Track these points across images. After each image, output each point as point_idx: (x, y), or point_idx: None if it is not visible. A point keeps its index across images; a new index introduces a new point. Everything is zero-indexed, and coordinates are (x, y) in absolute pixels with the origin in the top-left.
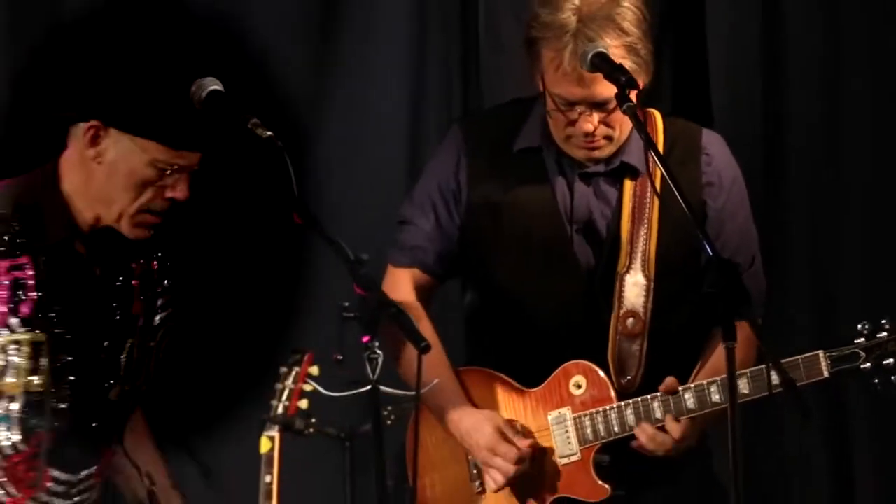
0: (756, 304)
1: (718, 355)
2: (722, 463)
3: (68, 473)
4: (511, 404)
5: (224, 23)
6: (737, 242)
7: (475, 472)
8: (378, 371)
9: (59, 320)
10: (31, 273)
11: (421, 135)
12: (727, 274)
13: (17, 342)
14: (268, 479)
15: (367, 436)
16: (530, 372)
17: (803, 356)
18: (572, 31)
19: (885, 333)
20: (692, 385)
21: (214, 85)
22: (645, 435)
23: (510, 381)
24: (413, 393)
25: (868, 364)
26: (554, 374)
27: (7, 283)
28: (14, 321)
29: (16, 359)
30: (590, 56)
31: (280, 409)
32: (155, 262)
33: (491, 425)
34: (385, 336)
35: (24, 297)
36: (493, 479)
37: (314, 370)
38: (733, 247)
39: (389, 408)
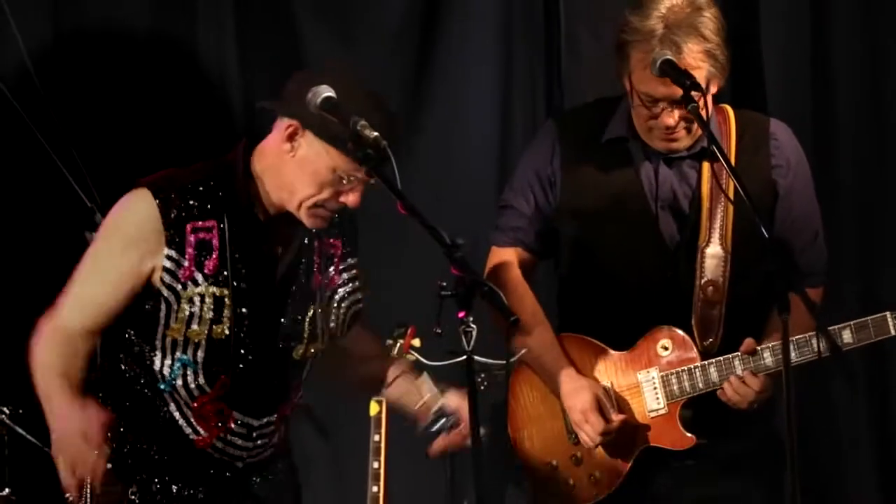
0: (820, 273)
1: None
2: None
3: (250, 417)
4: (603, 365)
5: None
6: (804, 217)
7: (570, 426)
8: (472, 343)
9: (240, 278)
10: (215, 235)
11: (509, 135)
12: (782, 254)
13: (201, 295)
14: (376, 438)
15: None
16: (620, 337)
17: (872, 317)
18: (659, 36)
19: None
20: (770, 344)
21: (328, 92)
22: (731, 388)
23: (601, 344)
24: (503, 362)
25: None
26: (643, 337)
27: (193, 242)
28: (199, 276)
29: (200, 309)
30: (658, 63)
31: None
32: (339, 241)
33: (589, 392)
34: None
35: (208, 256)
36: (583, 440)
37: (416, 342)
38: (802, 221)
39: (482, 375)
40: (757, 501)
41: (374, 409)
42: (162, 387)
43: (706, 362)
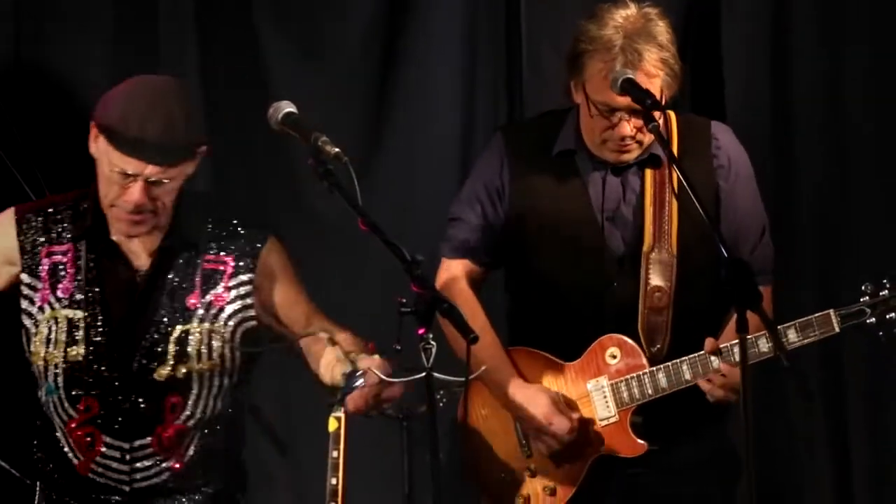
0: (768, 271)
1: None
2: (735, 426)
3: (120, 441)
4: (553, 377)
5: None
6: (749, 216)
7: (523, 437)
8: (432, 359)
9: (94, 301)
10: (70, 258)
11: (471, 151)
12: (740, 271)
13: (55, 318)
14: (335, 454)
15: (422, 416)
16: (569, 348)
17: (816, 315)
18: (620, 45)
19: (886, 291)
20: (722, 346)
21: (289, 108)
22: (712, 385)
23: (550, 356)
24: (462, 379)
25: (873, 319)
26: (590, 347)
27: (48, 266)
28: (53, 299)
29: (55, 332)
30: (620, 81)
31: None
32: (231, 258)
33: (546, 397)
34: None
35: (62, 279)
36: (547, 444)
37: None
38: (747, 220)
39: (441, 392)
40: (712, 502)
41: (332, 425)
42: (48, 410)
43: (654, 368)
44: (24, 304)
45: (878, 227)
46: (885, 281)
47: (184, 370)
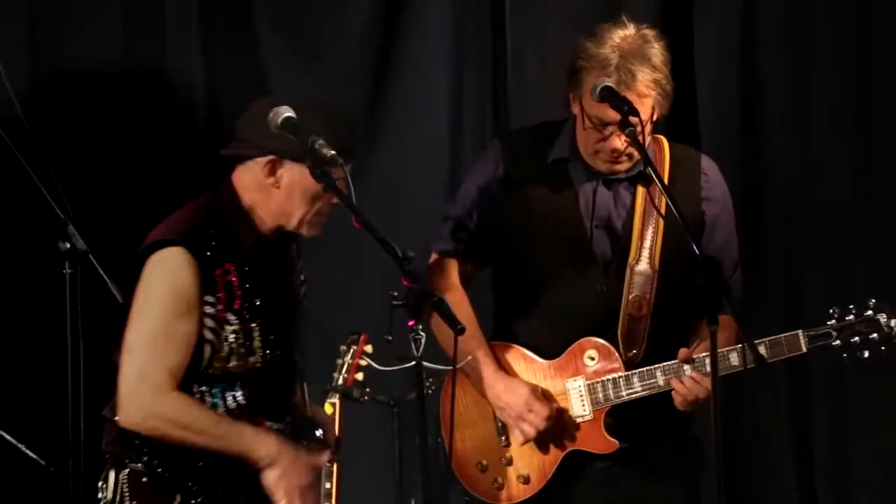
0: (736, 301)
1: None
2: (703, 426)
3: (277, 422)
4: (533, 372)
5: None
6: (726, 247)
7: (501, 427)
8: (421, 349)
9: (262, 309)
10: (235, 275)
11: (458, 155)
12: (713, 270)
13: (235, 332)
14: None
15: (411, 402)
16: (549, 347)
17: (785, 334)
18: (615, 64)
19: (852, 317)
20: (697, 356)
21: (288, 112)
22: (684, 387)
23: (532, 354)
24: (450, 368)
25: (839, 342)
26: (570, 348)
27: (222, 286)
28: (231, 316)
29: (235, 345)
30: (599, 89)
31: (340, 381)
32: (295, 247)
33: (525, 387)
34: (427, 318)
35: (234, 296)
36: (524, 432)
37: (369, 348)
38: (723, 250)
39: (430, 380)
40: (677, 502)
41: (328, 409)
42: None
43: (630, 372)
44: (209, 321)
45: (845, 237)
46: (851, 307)
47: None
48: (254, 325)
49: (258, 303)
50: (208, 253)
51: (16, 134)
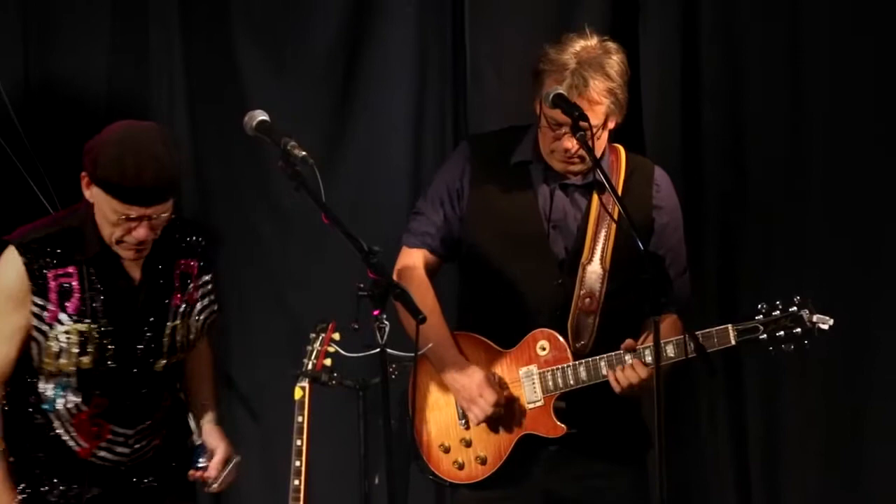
0: (684, 303)
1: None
2: (647, 410)
3: (125, 428)
4: (491, 360)
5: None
6: (674, 253)
7: (461, 412)
8: (385, 337)
9: (101, 314)
10: (76, 279)
11: (420, 157)
12: (655, 265)
13: (67, 332)
14: (300, 419)
15: (376, 387)
16: (506, 336)
17: (717, 328)
18: (571, 69)
19: (778, 312)
20: (639, 347)
21: (262, 116)
22: (621, 374)
23: (491, 343)
24: (412, 354)
25: (765, 336)
26: (525, 338)
27: (55, 288)
28: (63, 317)
29: (67, 345)
30: (551, 96)
31: (309, 366)
32: (195, 262)
33: (480, 373)
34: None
35: (69, 298)
36: (475, 414)
37: (336, 336)
38: (672, 256)
39: (394, 365)
40: (622, 481)
41: (298, 393)
42: (46, 407)
43: (577, 362)
44: (35, 321)
45: (784, 241)
46: (777, 303)
47: (174, 360)
48: (89, 327)
49: (96, 306)
50: (46, 258)
51: (13, 138)
